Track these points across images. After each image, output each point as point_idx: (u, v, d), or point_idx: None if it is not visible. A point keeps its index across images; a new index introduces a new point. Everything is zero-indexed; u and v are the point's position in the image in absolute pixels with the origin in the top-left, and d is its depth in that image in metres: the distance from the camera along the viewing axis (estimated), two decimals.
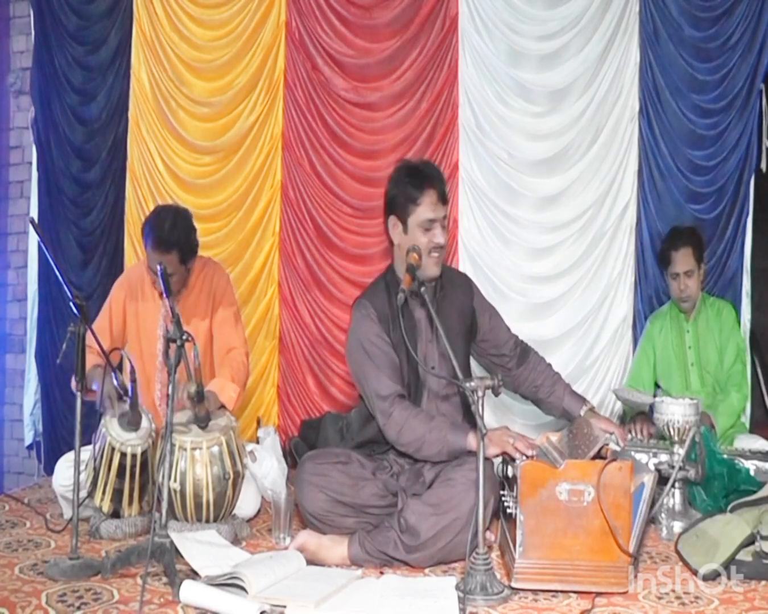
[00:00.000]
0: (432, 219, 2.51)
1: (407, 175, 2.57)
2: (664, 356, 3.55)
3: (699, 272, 3.47)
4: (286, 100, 4.21)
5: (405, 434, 2.44)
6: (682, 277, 3.45)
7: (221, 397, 2.81)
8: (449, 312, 2.63)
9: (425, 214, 2.51)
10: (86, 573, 2.18)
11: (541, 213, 3.96)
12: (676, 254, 3.46)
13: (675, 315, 3.57)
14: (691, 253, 3.45)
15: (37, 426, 4.55)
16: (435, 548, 2.30)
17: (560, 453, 2.32)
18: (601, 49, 3.87)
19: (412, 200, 2.51)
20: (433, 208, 2.51)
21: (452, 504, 2.29)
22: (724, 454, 2.85)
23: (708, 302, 3.55)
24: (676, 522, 2.67)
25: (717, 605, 2.04)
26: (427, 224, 2.51)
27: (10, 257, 4.92)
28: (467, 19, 3.98)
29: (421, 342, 2.59)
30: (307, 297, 4.17)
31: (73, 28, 4.46)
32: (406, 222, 2.54)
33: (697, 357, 3.49)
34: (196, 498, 2.55)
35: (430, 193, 2.51)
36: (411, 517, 2.30)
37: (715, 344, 3.46)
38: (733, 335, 3.46)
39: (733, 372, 3.42)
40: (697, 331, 3.51)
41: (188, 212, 2.98)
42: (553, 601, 2.07)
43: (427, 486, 2.43)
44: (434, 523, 2.28)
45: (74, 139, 4.46)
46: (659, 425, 2.77)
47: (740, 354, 3.46)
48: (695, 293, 3.48)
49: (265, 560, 2.22)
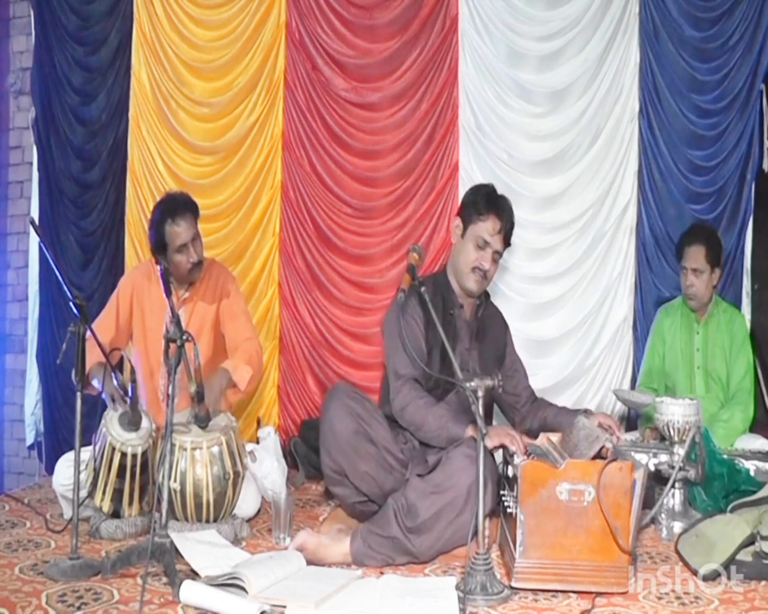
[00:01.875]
0: (487, 241, 2.66)
1: (487, 192, 2.74)
2: (672, 353, 3.49)
3: (711, 275, 3.36)
4: (287, 101, 4.21)
5: (409, 410, 2.56)
6: (690, 273, 3.36)
7: (234, 376, 2.83)
8: (486, 335, 2.78)
9: (483, 233, 2.66)
10: (86, 573, 2.18)
11: (541, 213, 3.97)
12: (688, 249, 3.39)
13: (686, 313, 3.49)
14: (704, 252, 3.35)
15: (38, 427, 4.55)
16: (436, 530, 2.30)
17: (560, 453, 2.32)
18: (601, 50, 3.88)
19: (479, 212, 2.67)
20: (491, 233, 2.66)
21: (451, 482, 2.31)
22: (724, 455, 2.85)
23: (721, 307, 3.47)
24: (676, 523, 2.67)
25: (717, 605, 2.04)
26: (481, 242, 2.66)
27: (10, 257, 4.93)
28: (467, 19, 3.98)
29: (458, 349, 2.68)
30: (307, 297, 4.17)
31: (73, 29, 4.47)
32: (467, 229, 2.70)
33: (704, 361, 3.43)
34: (196, 498, 2.55)
35: (496, 219, 2.67)
36: (411, 495, 2.33)
37: (723, 353, 3.40)
38: (743, 350, 3.39)
39: (740, 389, 3.35)
40: (707, 335, 3.44)
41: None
42: (553, 601, 2.07)
43: (429, 469, 2.45)
44: (433, 501, 2.31)
45: (74, 139, 4.47)
46: (659, 425, 2.77)
47: (749, 370, 3.39)
48: (702, 293, 3.38)
49: (265, 560, 2.22)
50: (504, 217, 2.69)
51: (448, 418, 2.50)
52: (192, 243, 2.95)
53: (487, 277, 2.71)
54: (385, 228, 4.09)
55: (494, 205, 2.69)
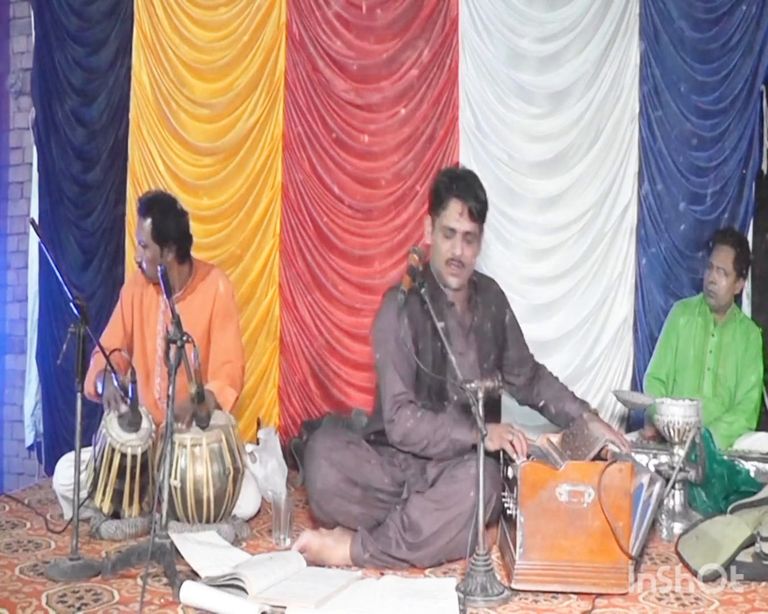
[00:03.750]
0: (453, 228, 2.53)
1: (445, 178, 2.59)
2: (685, 350, 3.49)
3: (735, 282, 3.40)
4: (287, 102, 4.21)
5: (410, 436, 2.46)
6: (715, 271, 3.39)
7: (219, 399, 2.83)
8: (483, 323, 2.67)
9: (448, 221, 2.53)
10: (86, 573, 2.18)
11: (542, 214, 3.97)
12: (720, 247, 3.41)
13: (704, 313, 3.49)
14: (733, 256, 3.38)
15: (38, 427, 4.55)
16: (437, 545, 2.29)
17: (560, 455, 2.32)
18: (601, 51, 3.87)
19: (440, 201, 2.55)
20: (456, 217, 2.52)
21: (455, 499, 2.29)
22: (725, 456, 2.85)
23: (739, 316, 3.51)
24: (676, 524, 2.67)
25: (717, 606, 2.05)
26: (448, 231, 2.54)
27: (10, 258, 4.93)
28: (467, 20, 3.98)
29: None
30: (307, 298, 4.17)
31: (73, 29, 4.47)
32: (435, 224, 2.59)
33: (715, 364, 3.43)
34: (196, 496, 2.55)
35: (457, 201, 2.52)
36: (414, 513, 2.31)
37: (736, 360, 3.41)
38: (756, 363, 3.41)
39: (746, 398, 3.38)
40: (721, 339, 3.45)
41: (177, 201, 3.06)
42: (553, 602, 2.07)
43: (429, 484, 2.43)
44: (437, 518, 2.29)
45: (75, 140, 4.47)
46: (659, 426, 2.77)
47: (758, 384, 3.41)
48: (723, 294, 3.40)
49: (265, 561, 2.23)
50: (465, 196, 2.52)
51: (450, 428, 2.42)
52: (142, 244, 2.92)
53: (464, 264, 2.55)
54: (386, 229, 4.09)
55: (451, 188, 2.54)
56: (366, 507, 2.44)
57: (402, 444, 2.49)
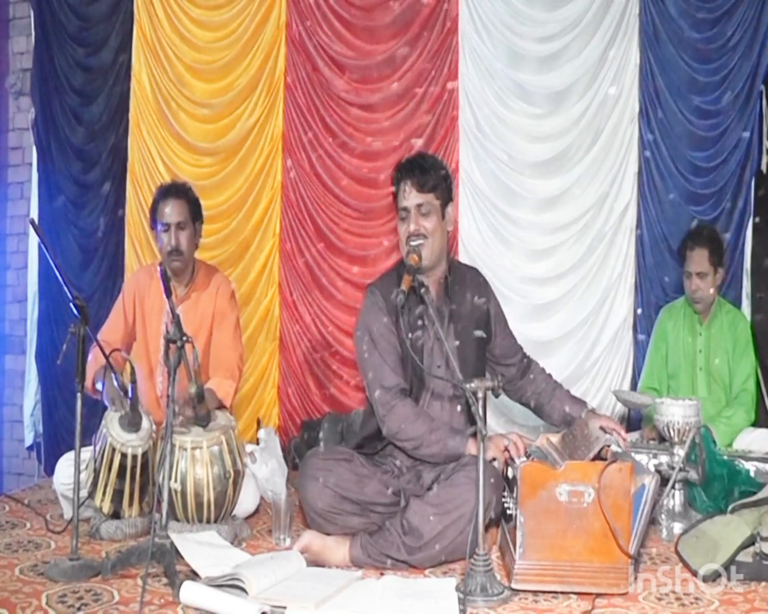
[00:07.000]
0: (405, 207, 2.50)
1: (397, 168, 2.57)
2: (674, 354, 3.48)
3: (714, 276, 3.36)
4: (287, 102, 4.22)
5: (406, 430, 2.43)
6: (694, 277, 3.35)
7: (218, 393, 2.83)
8: (463, 313, 2.60)
9: (399, 203, 2.53)
10: (86, 574, 2.18)
11: (541, 214, 3.97)
12: (691, 253, 3.37)
13: (689, 314, 3.47)
14: (707, 255, 3.33)
15: (37, 428, 4.56)
16: (438, 548, 2.29)
17: (560, 455, 2.32)
18: (601, 51, 3.88)
19: (395, 194, 2.55)
20: (405, 197, 2.50)
21: (456, 503, 2.28)
22: (725, 456, 2.85)
23: (724, 309, 3.47)
24: (676, 523, 2.67)
25: (717, 606, 2.04)
26: (402, 214, 2.52)
27: (10, 258, 4.93)
28: (467, 20, 3.99)
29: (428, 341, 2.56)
30: (307, 298, 4.17)
31: (73, 30, 4.47)
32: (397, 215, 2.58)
33: (706, 362, 3.42)
34: (197, 498, 2.55)
35: (405, 181, 2.50)
36: (414, 518, 2.30)
37: (726, 355, 3.39)
38: (746, 353, 3.38)
39: (743, 390, 3.35)
40: (709, 336, 3.43)
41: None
42: (553, 602, 2.07)
43: (426, 488, 2.42)
44: (437, 522, 2.28)
45: (74, 140, 4.47)
46: (659, 426, 2.77)
47: (752, 373, 3.38)
48: (707, 296, 3.37)
49: (265, 561, 2.23)
50: (407, 173, 2.49)
51: (446, 434, 2.41)
52: (176, 227, 2.93)
53: (425, 235, 2.45)
54: (385, 229, 4.09)
55: (397, 174, 2.52)
56: (363, 519, 2.44)
57: (396, 436, 2.46)
